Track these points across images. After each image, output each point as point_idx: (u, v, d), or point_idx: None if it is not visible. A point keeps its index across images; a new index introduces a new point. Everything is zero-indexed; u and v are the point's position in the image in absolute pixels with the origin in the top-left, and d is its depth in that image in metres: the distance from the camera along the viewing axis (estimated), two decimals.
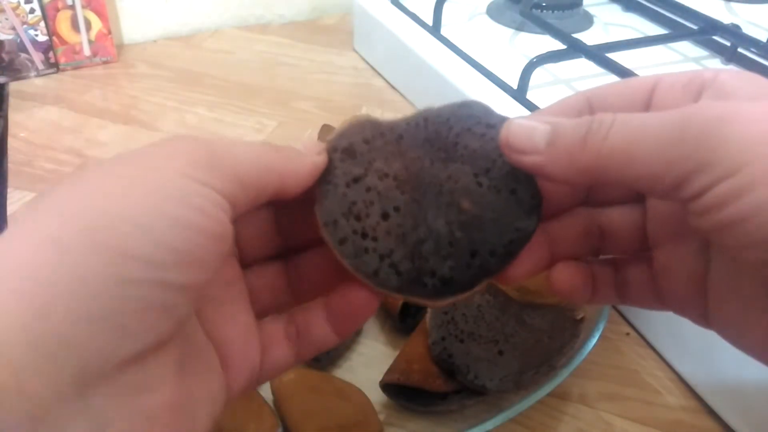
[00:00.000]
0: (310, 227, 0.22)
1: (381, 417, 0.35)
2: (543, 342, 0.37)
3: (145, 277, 0.16)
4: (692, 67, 0.59)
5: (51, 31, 0.69)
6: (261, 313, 0.24)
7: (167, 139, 0.19)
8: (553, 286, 0.25)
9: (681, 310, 0.24)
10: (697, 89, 0.21)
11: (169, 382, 0.17)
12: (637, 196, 0.25)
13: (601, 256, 0.26)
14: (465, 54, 0.59)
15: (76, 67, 0.72)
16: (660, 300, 0.24)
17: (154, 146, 0.18)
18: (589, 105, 0.24)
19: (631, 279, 0.25)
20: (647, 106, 0.23)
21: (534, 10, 0.61)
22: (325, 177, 0.22)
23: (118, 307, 0.15)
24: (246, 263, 0.24)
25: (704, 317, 0.23)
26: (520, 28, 0.65)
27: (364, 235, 0.21)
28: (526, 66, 0.50)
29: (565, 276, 0.25)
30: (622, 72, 0.48)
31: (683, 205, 0.19)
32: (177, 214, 0.16)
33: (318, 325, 0.24)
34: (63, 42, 0.70)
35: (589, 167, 0.20)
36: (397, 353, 0.38)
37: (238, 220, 0.19)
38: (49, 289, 0.14)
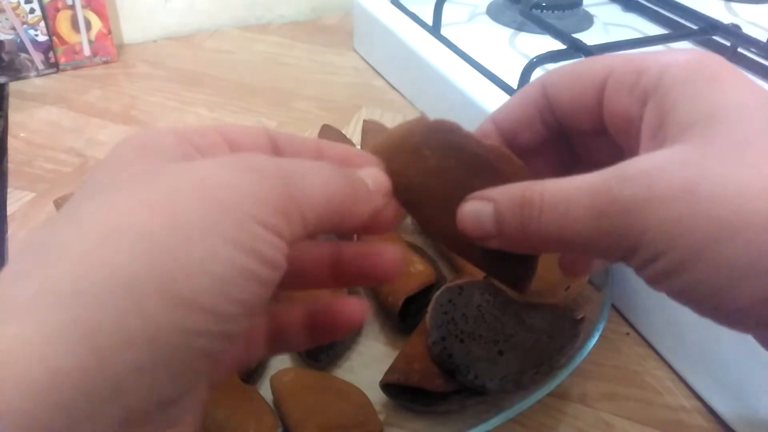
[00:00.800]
0: None
1: (381, 417, 0.35)
2: (543, 342, 0.37)
3: (211, 329, 0.15)
4: None
5: (51, 31, 0.69)
6: None
7: (235, 161, 0.17)
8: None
9: None
10: (641, 94, 0.21)
11: (191, 412, 0.17)
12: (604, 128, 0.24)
13: None
14: (465, 54, 0.59)
15: (76, 67, 0.72)
16: None
17: (221, 168, 0.17)
18: (545, 97, 0.24)
19: None
20: (600, 101, 0.23)
21: (534, 10, 0.61)
22: None
23: (177, 357, 0.15)
24: None
25: None
26: (520, 28, 0.65)
27: None
28: (526, 66, 0.50)
29: (571, 256, 0.25)
30: None
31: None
32: (249, 266, 0.16)
33: (295, 330, 0.24)
34: (63, 42, 0.70)
35: (538, 248, 0.21)
36: (397, 353, 0.38)
37: None
38: (115, 336, 0.14)
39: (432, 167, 0.23)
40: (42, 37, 0.69)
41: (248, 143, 0.22)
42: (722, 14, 0.67)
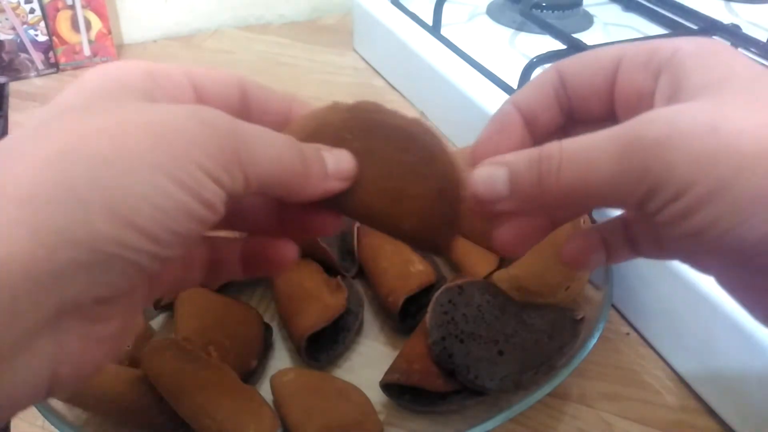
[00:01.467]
0: None
1: (381, 417, 0.35)
2: (543, 342, 0.37)
3: (144, 247, 0.17)
4: None
5: (51, 31, 0.69)
6: None
7: (193, 112, 0.19)
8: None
9: (687, 258, 0.24)
10: (655, 69, 0.22)
11: (120, 315, 0.20)
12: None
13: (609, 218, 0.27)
14: (465, 54, 0.59)
15: (76, 67, 0.72)
16: (666, 249, 0.25)
17: (177, 115, 0.19)
18: (561, 80, 0.25)
19: (639, 233, 0.25)
20: (612, 83, 0.24)
21: (534, 10, 0.61)
22: None
23: (113, 264, 0.17)
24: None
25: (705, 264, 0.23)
26: (520, 28, 0.65)
27: None
28: (526, 66, 0.50)
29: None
30: None
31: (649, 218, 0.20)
32: (190, 206, 0.18)
33: (232, 262, 0.26)
34: (63, 42, 0.70)
35: (553, 203, 0.21)
36: (397, 353, 0.38)
37: None
38: (61, 234, 0.16)
39: (357, 149, 0.23)
40: (42, 37, 0.69)
41: (215, 92, 0.23)
42: (722, 14, 0.67)
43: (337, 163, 0.22)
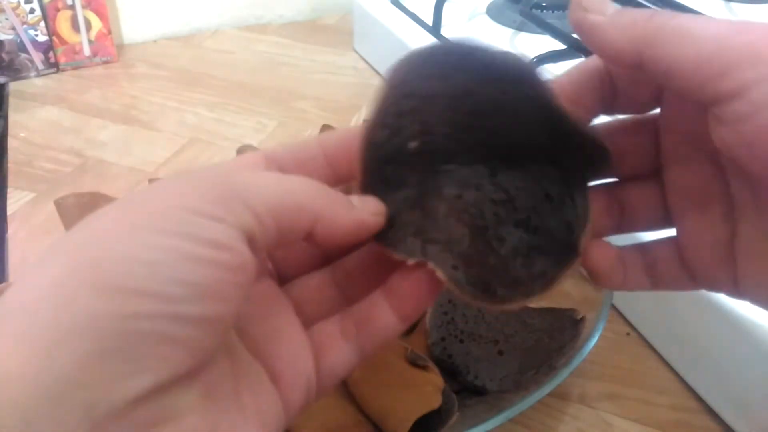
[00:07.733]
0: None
1: None
2: (543, 342, 0.37)
3: (156, 311, 0.15)
4: None
5: (51, 31, 0.69)
6: (312, 324, 0.23)
7: (179, 176, 0.18)
8: (588, 265, 0.24)
9: (711, 283, 0.23)
10: None
11: (196, 409, 0.17)
12: (656, 170, 0.24)
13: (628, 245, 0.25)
14: None
15: (76, 67, 0.72)
16: (690, 276, 0.23)
17: (162, 184, 0.18)
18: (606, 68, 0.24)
19: (659, 260, 0.24)
20: None
21: (534, 10, 0.61)
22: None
23: (128, 342, 0.15)
24: (287, 277, 0.24)
25: (735, 285, 0.22)
26: (520, 28, 0.65)
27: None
28: None
29: (602, 254, 0.24)
30: None
31: (720, 109, 0.18)
32: (187, 248, 0.16)
33: (381, 313, 0.23)
34: (63, 42, 0.70)
35: (644, 37, 0.19)
36: None
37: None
38: (52, 331, 0.14)
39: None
40: (42, 37, 0.69)
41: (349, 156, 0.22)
42: (722, 14, 0.67)
43: (362, 200, 0.21)
